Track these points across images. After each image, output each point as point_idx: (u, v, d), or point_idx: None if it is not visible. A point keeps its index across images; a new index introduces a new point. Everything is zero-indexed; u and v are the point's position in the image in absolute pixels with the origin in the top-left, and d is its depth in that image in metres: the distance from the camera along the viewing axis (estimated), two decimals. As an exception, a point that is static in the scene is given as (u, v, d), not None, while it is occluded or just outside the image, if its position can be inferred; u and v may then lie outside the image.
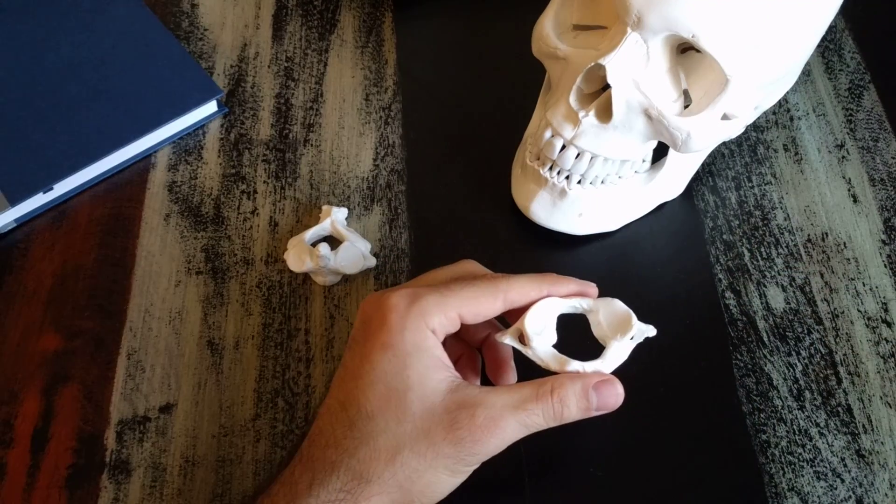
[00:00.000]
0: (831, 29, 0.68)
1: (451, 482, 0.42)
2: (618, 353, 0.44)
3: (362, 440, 0.41)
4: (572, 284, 0.46)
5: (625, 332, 0.44)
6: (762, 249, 0.57)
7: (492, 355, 0.48)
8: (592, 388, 0.43)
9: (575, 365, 0.43)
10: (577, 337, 0.46)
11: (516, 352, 0.46)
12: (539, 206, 0.55)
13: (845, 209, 0.59)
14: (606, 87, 0.50)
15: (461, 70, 0.66)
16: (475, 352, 0.49)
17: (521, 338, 0.44)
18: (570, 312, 0.46)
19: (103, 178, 0.60)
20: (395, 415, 0.41)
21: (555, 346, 0.45)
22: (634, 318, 0.45)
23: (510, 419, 0.41)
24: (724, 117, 0.51)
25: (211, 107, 0.63)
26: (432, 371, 0.42)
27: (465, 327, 0.48)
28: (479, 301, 0.44)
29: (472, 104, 0.64)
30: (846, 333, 0.54)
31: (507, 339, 0.45)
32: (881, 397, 0.52)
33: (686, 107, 0.52)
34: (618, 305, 0.45)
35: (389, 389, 0.42)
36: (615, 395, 0.43)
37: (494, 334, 0.46)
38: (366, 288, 0.56)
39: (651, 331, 0.45)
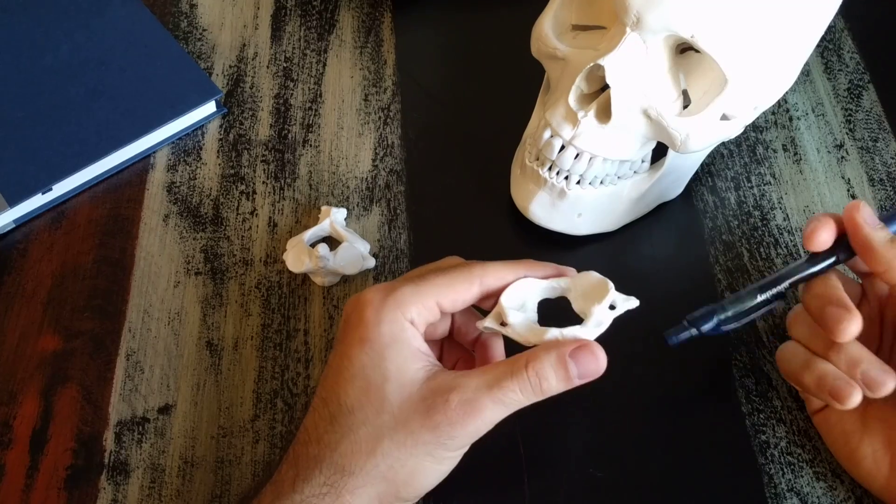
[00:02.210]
0: (831, 29, 0.68)
1: (436, 470, 0.42)
2: (598, 318, 0.43)
3: (343, 434, 0.41)
4: (549, 268, 0.46)
5: (601, 298, 0.43)
6: (761, 250, 0.57)
7: (483, 355, 0.48)
8: (569, 356, 0.41)
9: (553, 332, 0.42)
10: (561, 320, 0.45)
11: (508, 348, 0.46)
12: (538, 207, 0.55)
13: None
14: (606, 87, 0.50)
15: (461, 70, 0.66)
16: (472, 355, 0.49)
17: (502, 322, 0.44)
18: (550, 297, 0.45)
19: (102, 178, 0.60)
20: (375, 407, 0.41)
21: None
22: (612, 285, 0.44)
23: (486, 399, 0.41)
24: (724, 117, 0.50)
25: (210, 107, 0.63)
26: (410, 361, 0.42)
27: (457, 328, 0.48)
28: (454, 287, 0.44)
29: (472, 104, 0.64)
30: (846, 334, 0.54)
31: (488, 323, 0.44)
32: (881, 397, 0.52)
33: (685, 107, 0.52)
34: (593, 275, 0.44)
35: (368, 383, 0.42)
36: (595, 361, 0.41)
37: (475, 322, 0.46)
38: (356, 293, 0.55)
39: (633, 302, 0.44)
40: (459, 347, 0.49)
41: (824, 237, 0.45)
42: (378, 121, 0.63)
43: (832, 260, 0.46)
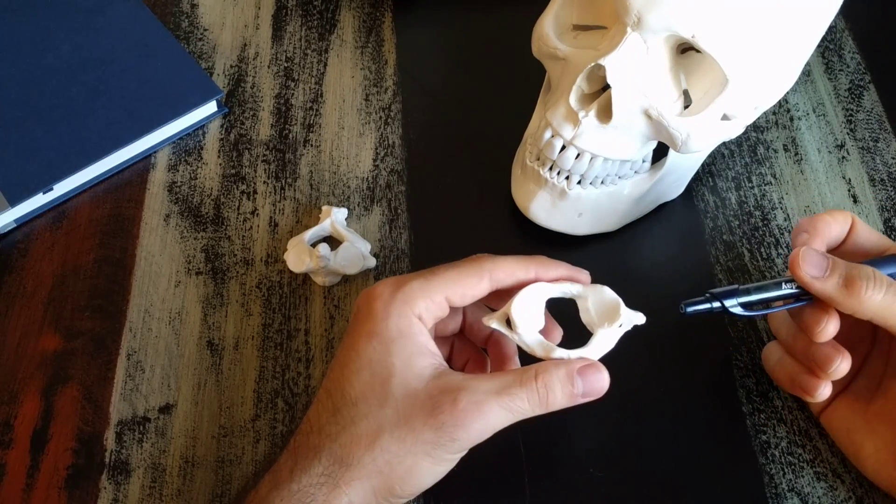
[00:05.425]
0: (831, 29, 0.68)
1: (433, 470, 0.42)
2: (604, 340, 0.44)
3: (344, 425, 0.41)
4: (562, 269, 0.46)
5: (612, 321, 0.44)
6: (762, 250, 0.57)
7: (496, 352, 0.48)
8: (577, 374, 0.42)
9: (560, 352, 0.43)
10: (564, 322, 0.47)
11: (520, 349, 0.46)
12: (539, 207, 0.55)
13: (845, 209, 0.59)
14: (606, 87, 0.50)
15: (461, 70, 0.66)
16: (483, 354, 0.49)
17: (508, 322, 0.44)
18: (559, 297, 0.46)
19: (103, 178, 0.60)
20: (378, 400, 0.41)
21: (541, 332, 0.45)
22: (623, 306, 0.44)
23: (493, 404, 0.41)
24: (724, 117, 0.50)
25: (211, 107, 0.63)
26: (416, 358, 0.42)
27: (468, 325, 0.48)
28: (463, 282, 0.44)
29: (472, 104, 0.64)
30: (846, 334, 0.54)
31: (494, 324, 0.44)
32: (881, 398, 0.52)
33: (686, 107, 0.52)
34: (607, 293, 0.45)
35: (373, 376, 0.42)
36: (601, 381, 0.43)
37: (482, 318, 0.45)
38: (365, 288, 0.55)
39: (640, 318, 0.44)
40: (470, 347, 0.49)
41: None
42: (379, 121, 0.63)
43: None
